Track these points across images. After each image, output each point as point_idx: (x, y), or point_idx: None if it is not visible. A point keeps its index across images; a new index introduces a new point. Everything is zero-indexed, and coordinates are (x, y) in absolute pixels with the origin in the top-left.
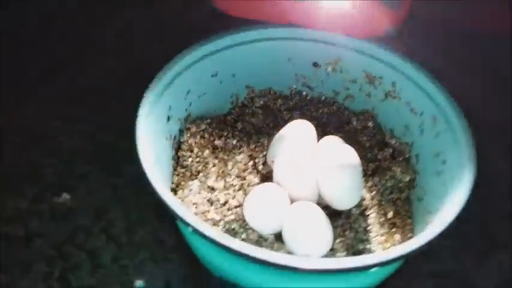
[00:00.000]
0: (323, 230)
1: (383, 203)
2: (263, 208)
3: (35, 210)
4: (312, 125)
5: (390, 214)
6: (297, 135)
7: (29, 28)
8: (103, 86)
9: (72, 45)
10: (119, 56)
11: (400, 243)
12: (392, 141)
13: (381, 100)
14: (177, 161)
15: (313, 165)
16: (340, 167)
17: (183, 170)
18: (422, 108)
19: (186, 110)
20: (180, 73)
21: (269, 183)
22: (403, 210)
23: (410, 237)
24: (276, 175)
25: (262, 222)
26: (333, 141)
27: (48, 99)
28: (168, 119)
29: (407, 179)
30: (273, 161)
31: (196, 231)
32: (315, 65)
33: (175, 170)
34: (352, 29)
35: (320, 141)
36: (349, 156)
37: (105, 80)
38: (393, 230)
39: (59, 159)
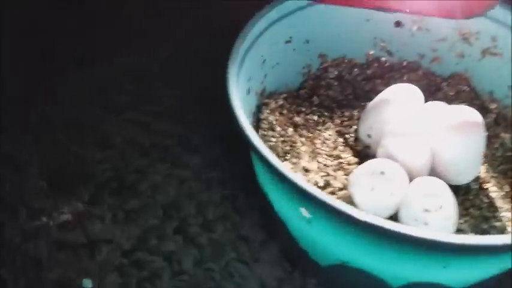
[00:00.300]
0: (451, 210)
1: (496, 175)
2: (377, 189)
3: (94, 214)
4: (417, 88)
5: (507, 188)
6: (400, 101)
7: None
8: (147, 70)
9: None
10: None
11: None
12: (493, 106)
13: (478, 60)
14: None
15: (425, 133)
16: (460, 127)
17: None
18: None
19: (262, 82)
20: (257, 38)
21: (378, 159)
22: None
23: None
24: (384, 148)
25: (377, 206)
26: (440, 106)
27: (85, 88)
28: (248, 91)
29: None
30: (369, 135)
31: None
32: (398, 24)
33: None
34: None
35: (424, 106)
36: (470, 113)
37: (147, 65)
38: None
39: (113, 153)
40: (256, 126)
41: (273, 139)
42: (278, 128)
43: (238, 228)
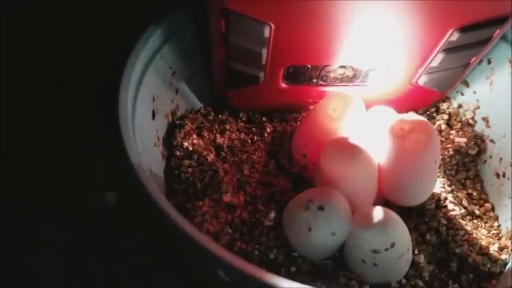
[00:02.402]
0: (404, 247)
1: (452, 188)
2: (316, 229)
3: None
4: (356, 96)
5: (465, 202)
6: (339, 112)
7: None
8: None
9: None
10: None
11: (491, 239)
12: (444, 105)
13: None
14: (171, 174)
15: (372, 151)
16: (413, 143)
17: (183, 187)
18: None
19: (172, 101)
20: (160, 47)
21: (314, 189)
22: (476, 193)
23: (498, 228)
24: (323, 173)
25: (315, 247)
26: (386, 113)
27: None
28: (154, 114)
29: (475, 151)
30: (304, 154)
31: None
32: None
33: (171, 186)
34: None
35: (367, 115)
36: (422, 125)
37: None
38: (475, 221)
39: None
40: (168, 156)
41: (189, 169)
42: (195, 155)
43: None
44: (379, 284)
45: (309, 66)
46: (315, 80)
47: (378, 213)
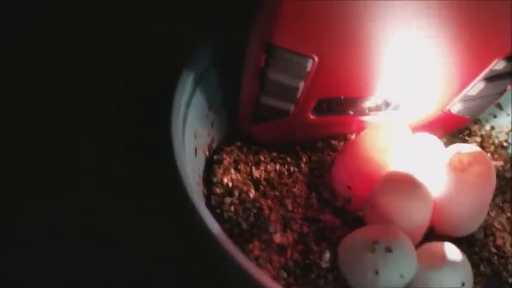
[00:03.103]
0: (471, 282)
1: (494, 214)
2: (384, 273)
3: None
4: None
5: (507, 227)
6: (385, 142)
7: None
8: None
9: None
10: None
11: None
12: (475, 127)
13: None
14: (213, 213)
15: (427, 185)
16: (472, 178)
17: (227, 226)
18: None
19: (208, 134)
20: (198, 82)
21: (377, 227)
22: None
23: None
24: (378, 209)
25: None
26: (432, 141)
27: None
28: (196, 152)
29: (511, 174)
30: (349, 187)
31: None
32: None
33: None
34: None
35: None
36: (481, 159)
37: None
38: None
39: None
40: (208, 194)
41: (232, 208)
42: (236, 192)
43: None
44: None
45: (343, 97)
46: (345, 111)
47: (446, 250)
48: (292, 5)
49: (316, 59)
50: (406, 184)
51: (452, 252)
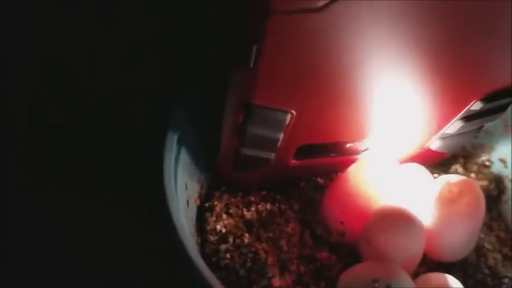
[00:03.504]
0: None
1: (483, 235)
2: None
3: None
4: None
5: (497, 245)
6: (376, 178)
7: None
8: None
9: None
10: None
11: None
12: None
13: None
14: (208, 262)
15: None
16: (464, 208)
17: (224, 275)
18: None
19: (198, 181)
20: (184, 133)
21: (374, 264)
22: (502, 233)
23: None
24: (375, 245)
25: None
26: (420, 171)
27: None
28: (188, 203)
29: (496, 192)
30: (342, 222)
31: None
32: None
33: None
34: None
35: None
36: (470, 188)
37: None
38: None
39: None
40: (201, 243)
41: (227, 255)
42: (230, 238)
43: None
44: None
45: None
46: (327, 154)
47: (443, 282)
48: (270, 67)
49: (294, 113)
50: (400, 218)
51: (449, 283)
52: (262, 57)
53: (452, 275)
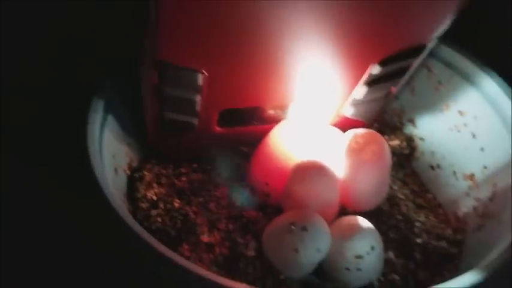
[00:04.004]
0: (380, 247)
1: (397, 186)
2: (302, 250)
3: None
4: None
5: (410, 196)
6: (293, 139)
7: None
8: None
9: None
10: None
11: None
12: None
13: None
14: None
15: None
16: (371, 157)
17: (157, 237)
18: None
19: (127, 154)
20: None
21: (292, 213)
22: (416, 187)
23: (444, 214)
24: (293, 197)
25: (302, 266)
26: (333, 131)
27: None
28: (116, 171)
29: (408, 150)
30: (267, 183)
31: None
32: None
33: None
34: None
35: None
36: (376, 140)
37: None
38: (424, 212)
39: None
40: (133, 211)
41: (159, 219)
42: (161, 204)
43: None
44: (363, 286)
45: (243, 108)
46: (249, 122)
47: (354, 222)
48: (170, 19)
49: (205, 73)
50: (313, 169)
51: (359, 222)
52: (160, 8)
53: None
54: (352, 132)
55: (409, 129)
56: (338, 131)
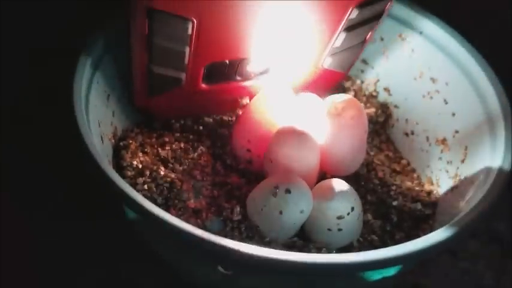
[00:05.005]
0: (360, 208)
1: (374, 153)
2: (287, 212)
3: None
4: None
5: (386, 162)
6: (274, 105)
7: None
8: None
9: None
10: None
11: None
12: (348, 84)
13: None
14: None
15: (312, 133)
16: (348, 120)
17: None
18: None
19: (112, 123)
20: (94, 72)
21: (275, 177)
22: (391, 153)
23: (419, 178)
24: (274, 161)
25: (286, 228)
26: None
27: None
28: (102, 139)
29: (383, 118)
30: (249, 150)
31: None
32: None
33: None
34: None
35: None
36: (353, 104)
37: None
38: (399, 176)
39: None
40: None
41: (145, 186)
42: (147, 172)
43: None
44: (344, 246)
45: (227, 62)
46: (233, 77)
47: (334, 184)
48: None
49: (195, 21)
50: (293, 134)
51: (339, 184)
52: None
53: None
54: (331, 98)
55: (384, 97)
56: (318, 98)
